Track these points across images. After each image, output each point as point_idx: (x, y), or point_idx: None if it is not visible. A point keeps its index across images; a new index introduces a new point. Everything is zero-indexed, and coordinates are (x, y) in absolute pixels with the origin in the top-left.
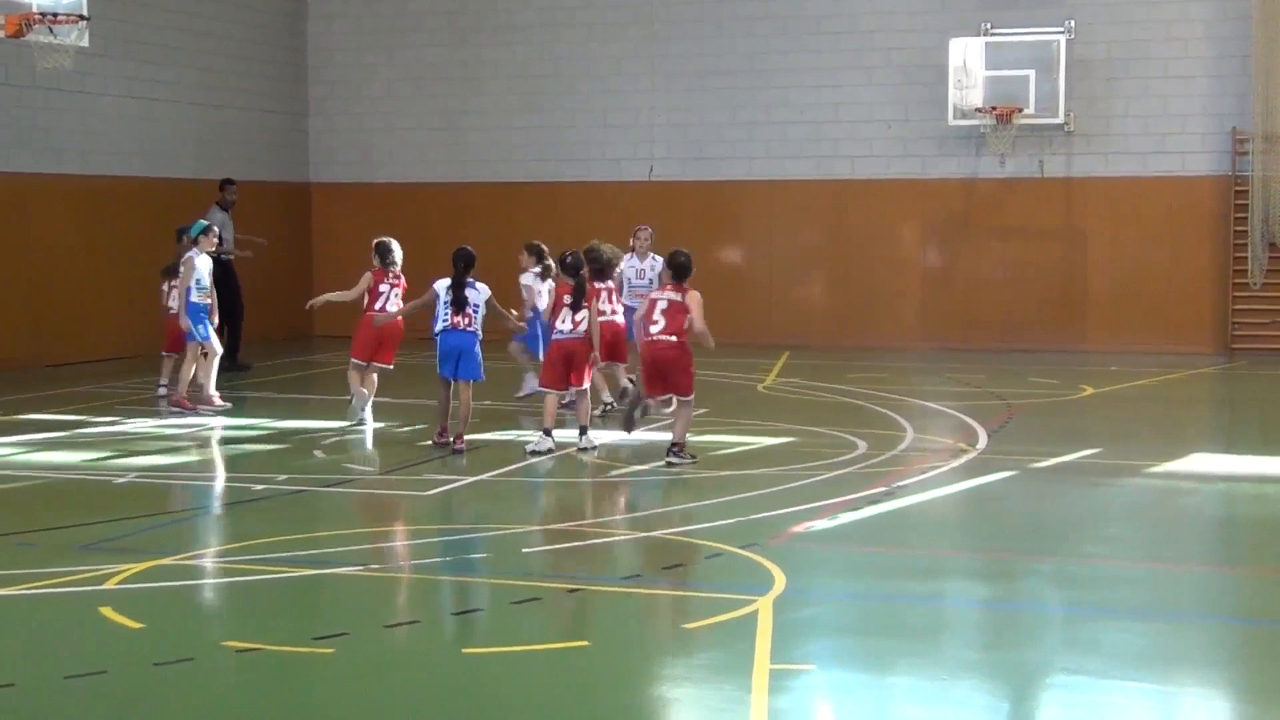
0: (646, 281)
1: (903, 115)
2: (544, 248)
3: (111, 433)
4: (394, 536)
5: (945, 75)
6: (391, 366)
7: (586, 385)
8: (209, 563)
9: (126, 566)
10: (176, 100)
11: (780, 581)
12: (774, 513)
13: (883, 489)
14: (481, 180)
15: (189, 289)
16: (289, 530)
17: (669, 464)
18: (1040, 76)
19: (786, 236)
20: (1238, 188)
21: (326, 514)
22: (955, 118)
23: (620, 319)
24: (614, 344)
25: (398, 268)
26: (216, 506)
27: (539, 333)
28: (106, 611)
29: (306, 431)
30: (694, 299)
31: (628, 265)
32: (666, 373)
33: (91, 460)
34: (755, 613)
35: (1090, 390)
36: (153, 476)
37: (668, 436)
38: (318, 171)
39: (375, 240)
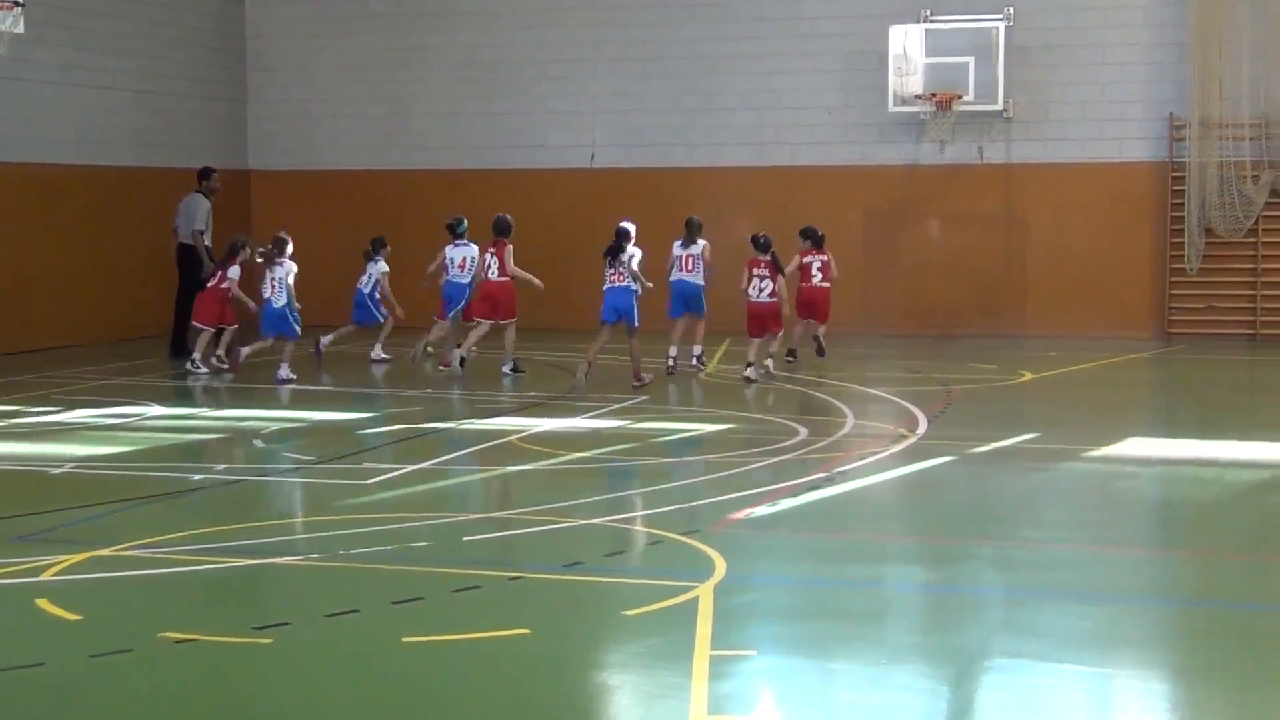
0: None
1: (843, 102)
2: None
3: (49, 423)
4: (334, 525)
5: (886, 62)
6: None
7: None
8: (147, 553)
9: (64, 558)
10: (115, 87)
11: (721, 568)
12: (715, 499)
13: (823, 475)
14: (424, 167)
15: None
16: (228, 520)
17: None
18: (980, 64)
19: (729, 223)
20: (1174, 173)
21: (266, 504)
22: (896, 105)
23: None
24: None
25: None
26: (155, 497)
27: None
28: (43, 604)
29: (246, 420)
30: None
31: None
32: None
33: (28, 451)
34: (696, 599)
35: (1029, 375)
36: (90, 467)
37: (610, 423)
38: (257, 158)
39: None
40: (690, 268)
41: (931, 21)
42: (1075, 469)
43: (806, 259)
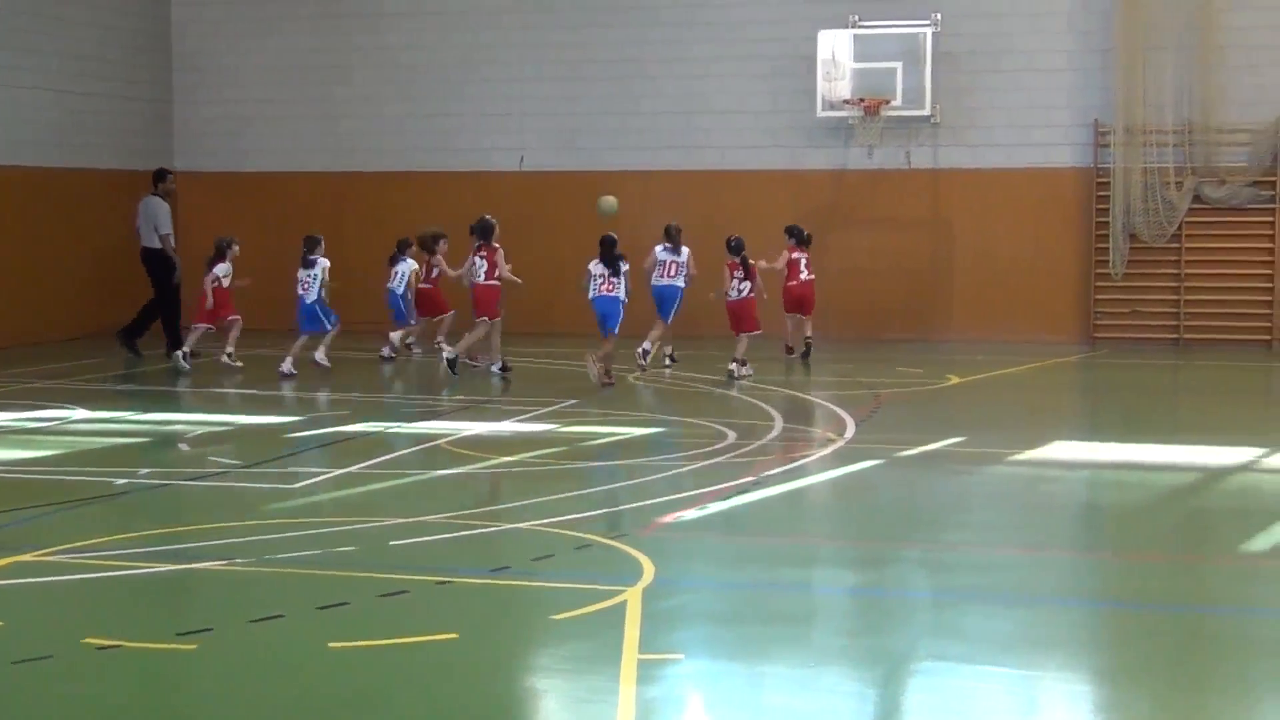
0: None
1: (772, 106)
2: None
3: None
4: (259, 530)
5: (814, 67)
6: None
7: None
8: (70, 559)
9: None
10: (36, 87)
11: (649, 571)
12: (643, 503)
13: (751, 479)
14: (354, 169)
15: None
16: (151, 525)
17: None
18: (907, 69)
19: (659, 227)
20: (1100, 179)
21: (190, 508)
22: (824, 109)
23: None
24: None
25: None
26: (78, 502)
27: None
28: None
29: (172, 424)
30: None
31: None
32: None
33: None
34: (624, 603)
35: (956, 379)
36: (12, 471)
37: (539, 427)
38: (184, 160)
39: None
40: (674, 273)
41: (860, 27)
42: (1002, 472)
43: (795, 255)
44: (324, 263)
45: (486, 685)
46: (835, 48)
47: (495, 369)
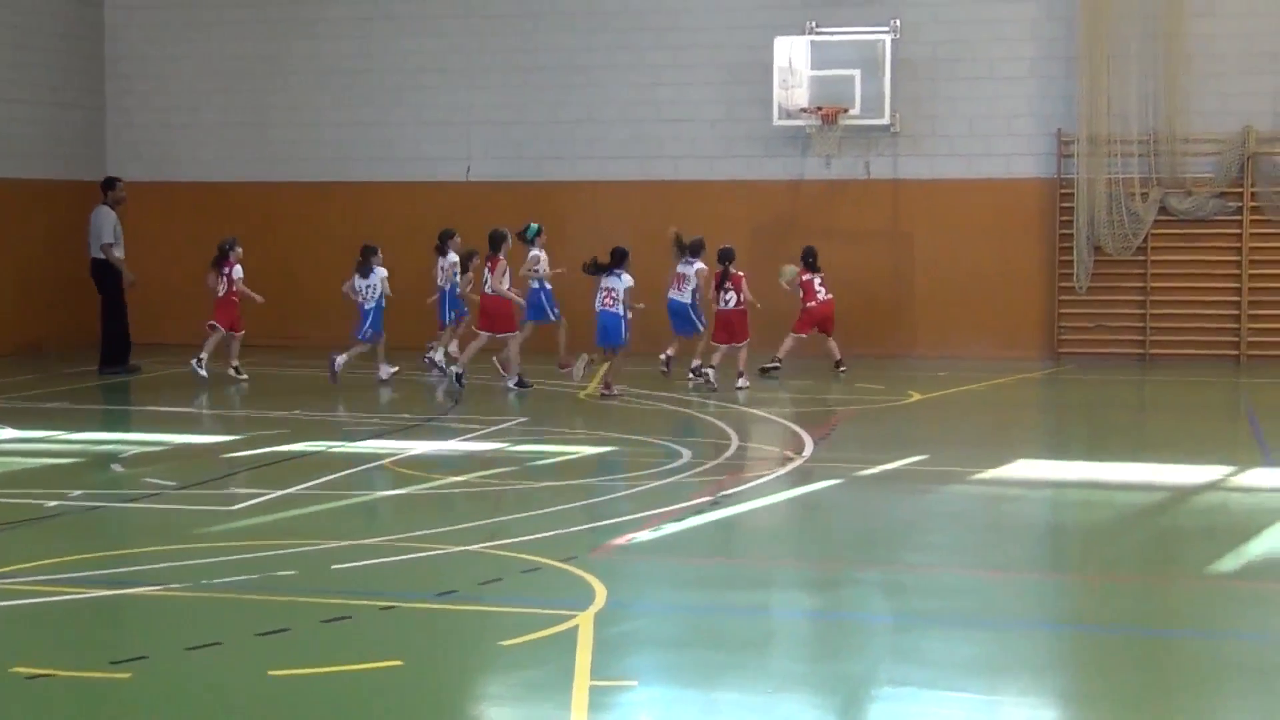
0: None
1: (726, 115)
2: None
3: None
4: (196, 554)
5: (770, 74)
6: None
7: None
8: None
9: None
10: None
11: (601, 595)
12: (594, 525)
13: (707, 499)
14: (290, 179)
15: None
16: (84, 548)
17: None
18: (866, 76)
19: (610, 239)
20: (1063, 190)
21: (124, 531)
22: (780, 118)
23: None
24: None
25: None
26: (6, 525)
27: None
28: None
29: (104, 444)
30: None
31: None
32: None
33: None
34: (575, 628)
35: (917, 396)
36: None
37: (487, 446)
38: (115, 169)
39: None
40: (679, 286)
41: (817, 33)
42: (963, 491)
43: (806, 277)
44: (382, 272)
45: (432, 714)
46: (792, 54)
47: (510, 384)
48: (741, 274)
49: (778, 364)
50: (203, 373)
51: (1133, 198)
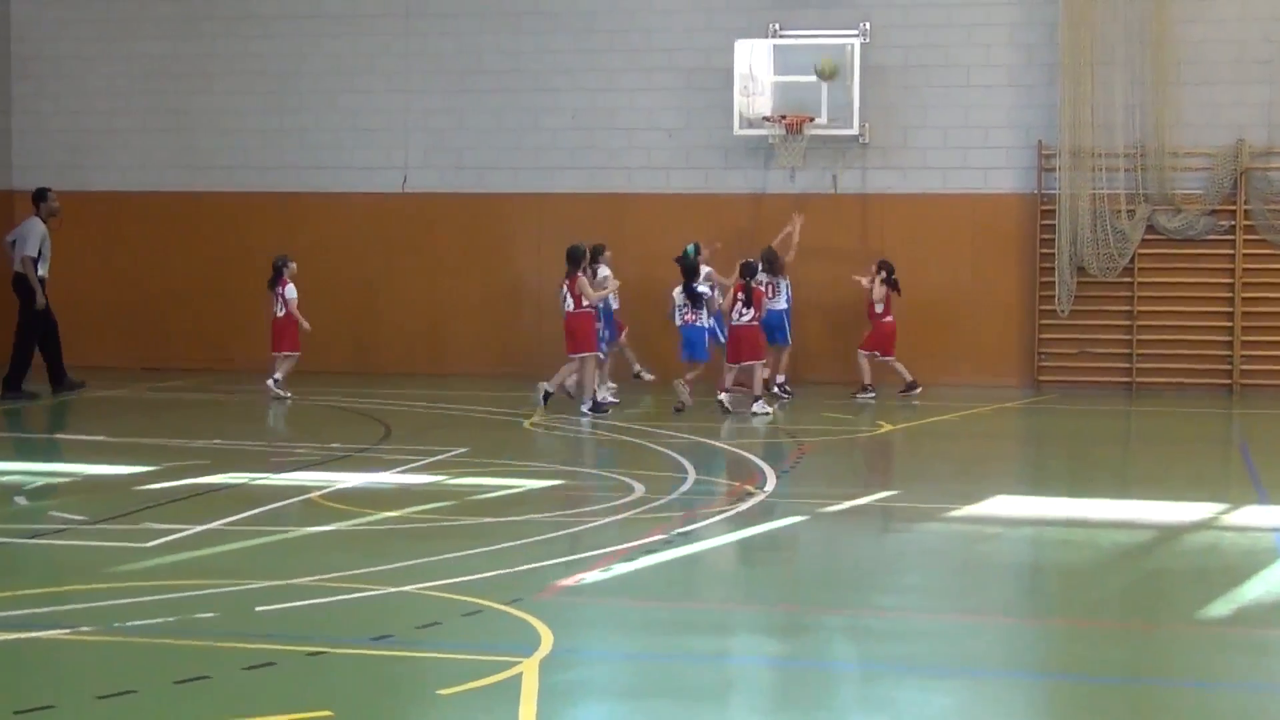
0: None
1: (684, 123)
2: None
3: None
4: (108, 594)
5: (731, 80)
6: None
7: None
8: None
9: None
10: None
11: (547, 641)
12: (540, 564)
13: (661, 537)
14: (214, 189)
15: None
16: None
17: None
18: (833, 83)
19: (557, 255)
20: (1044, 207)
21: (29, 569)
22: (741, 127)
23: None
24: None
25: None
26: None
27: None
28: None
29: (7, 474)
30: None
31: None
32: None
33: None
34: (519, 676)
35: (887, 426)
36: None
37: (423, 479)
38: (23, 177)
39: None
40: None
41: (781, 36)
42: (937, 530)
43: (880, 287)
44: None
45: None
46: (754, 59)
47: (585, 407)
48: (763, 289)
49: (914, 386)
50: (285, 394)
51: (1118, 215)
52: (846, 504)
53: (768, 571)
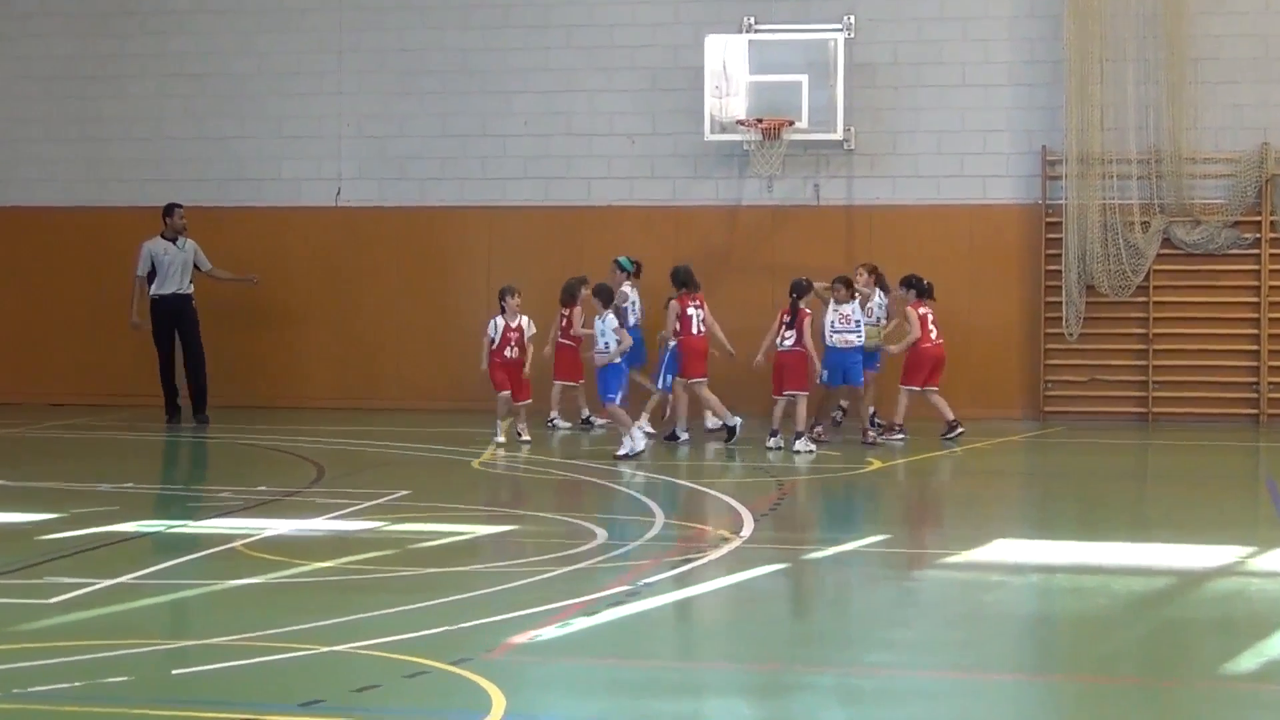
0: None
1: (649, 128)
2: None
3: None
4: (6, 656)
5: (701, 80)
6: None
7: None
8: None
9: None
10: None
11: (499, 704)
12: (491, 619)
13: (626, 588)
14: (126, 204)
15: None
16: None
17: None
18: (814, 83)
19: (507, 275)
20: (1049, 219)
21: None
22: (713, 132)
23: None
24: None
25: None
26: None
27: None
28: None
29: None
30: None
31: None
32: None
33: None
34: None
35: (877, 463)
36: None
37: (360, 526)
38: None
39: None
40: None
41: (756, 31)
42: (933, 577)
43: (922, 311)
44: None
45: None
46: (727, 57)
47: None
48: (809, 312)
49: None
50: (563, 425)
51: (1131, 228)
52: (832, 550)
53: (744, 626)
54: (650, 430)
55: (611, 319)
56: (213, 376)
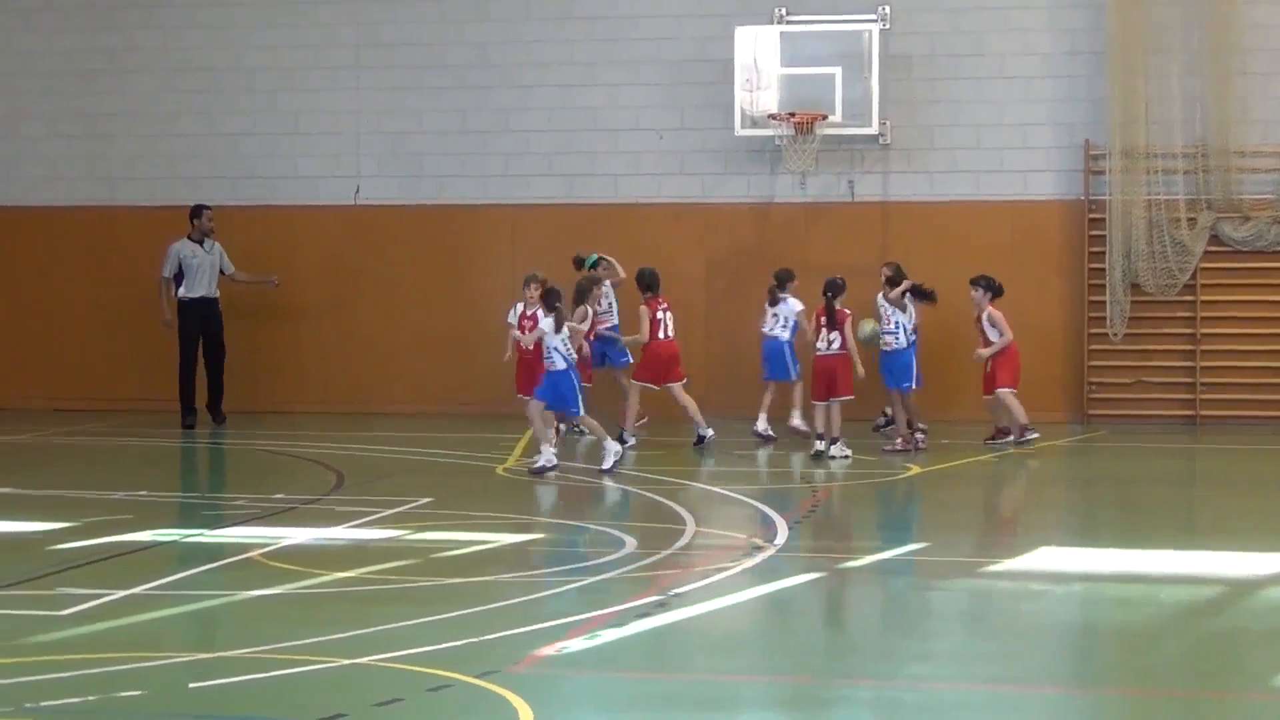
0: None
1: (678, 123)
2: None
3: None
4: (18, 670)
5: (730, 73)
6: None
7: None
8: None
9: None
10: None
11: (526, 718)
12: (517, 631)
13: (655, 598)
14: (132, 204)
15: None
16: None
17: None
18: (848, 75)
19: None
20: (1093, 215)
21: None
22: (744, 127)
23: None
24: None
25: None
26: None
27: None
28: None
29: None
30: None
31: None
32: None
33: None
34: None
35: (915, 469)
36: None
37: (380, 534)
38: None
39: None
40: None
41: (788, 22)
42: (973, 587)
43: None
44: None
45: None
46: (758, 49)
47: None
48: (848, 311)
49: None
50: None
51: (1177, 224)
52: (868, 559)
53: (778, 637)
54: (803, 426)
55: (565, 330)
56: (227, 380)
